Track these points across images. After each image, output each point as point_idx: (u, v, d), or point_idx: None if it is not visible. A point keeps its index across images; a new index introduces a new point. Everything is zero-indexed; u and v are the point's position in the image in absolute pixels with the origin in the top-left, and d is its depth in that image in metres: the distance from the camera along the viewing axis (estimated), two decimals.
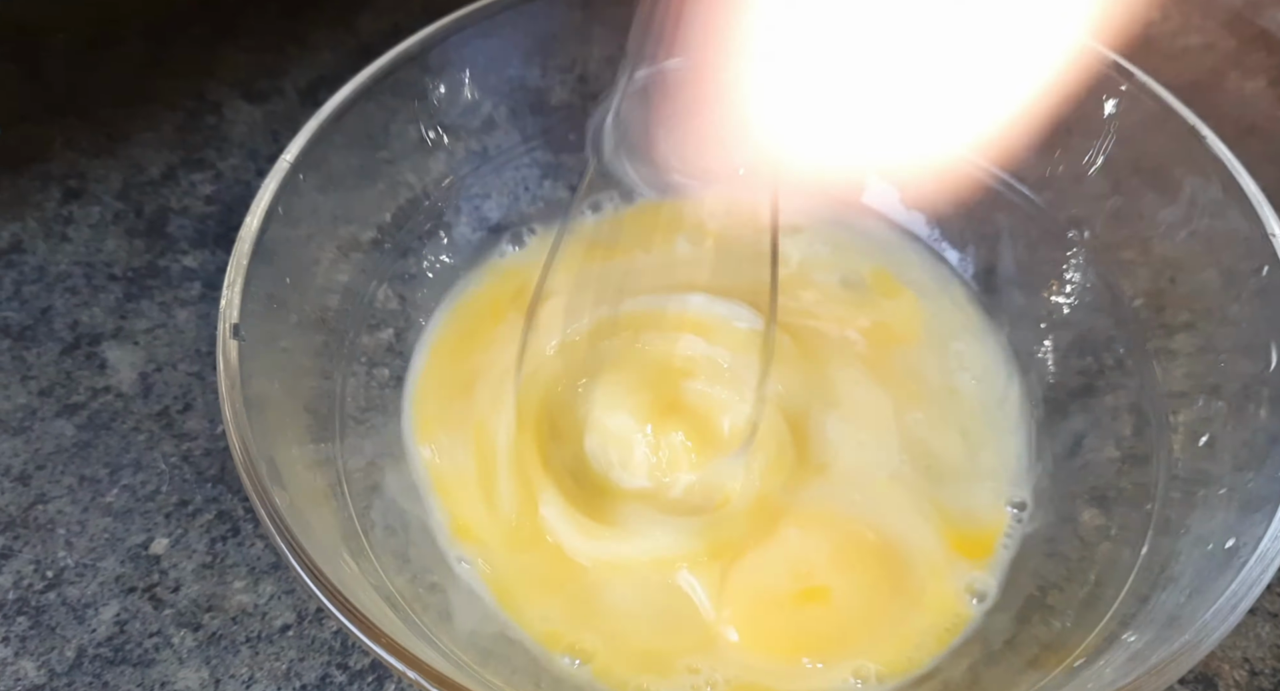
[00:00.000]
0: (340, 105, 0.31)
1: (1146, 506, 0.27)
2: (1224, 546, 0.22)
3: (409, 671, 0.20)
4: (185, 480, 0.34)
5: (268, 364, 0.28)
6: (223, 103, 0.45)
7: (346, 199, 0.33)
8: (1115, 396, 0.31)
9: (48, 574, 0.32)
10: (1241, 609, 0.20)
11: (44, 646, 0.30)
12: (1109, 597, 0.25)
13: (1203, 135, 0.27)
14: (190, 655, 0.30)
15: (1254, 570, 0.20)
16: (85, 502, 0.33)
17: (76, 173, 0.42)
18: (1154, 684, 0.19)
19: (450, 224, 0.37)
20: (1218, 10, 0.48)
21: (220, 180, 0.42)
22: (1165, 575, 0.24)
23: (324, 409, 0.31)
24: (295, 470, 0.27)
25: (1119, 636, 0.23)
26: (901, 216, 0.36)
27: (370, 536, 0.28)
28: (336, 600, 0.21)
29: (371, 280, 0.34)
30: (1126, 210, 0.31)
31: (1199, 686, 0.29)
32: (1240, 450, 0.25)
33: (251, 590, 0.32)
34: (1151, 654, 0.20)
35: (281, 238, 0.30)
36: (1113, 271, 0.32)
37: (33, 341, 0.37)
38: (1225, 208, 0.27)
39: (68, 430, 0.35)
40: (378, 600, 0.25)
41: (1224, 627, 0.20)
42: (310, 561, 0.21)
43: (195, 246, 0.40)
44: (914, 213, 0.36)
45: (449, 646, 0.26)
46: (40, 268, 0.39)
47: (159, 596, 0.31)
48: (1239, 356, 0.26)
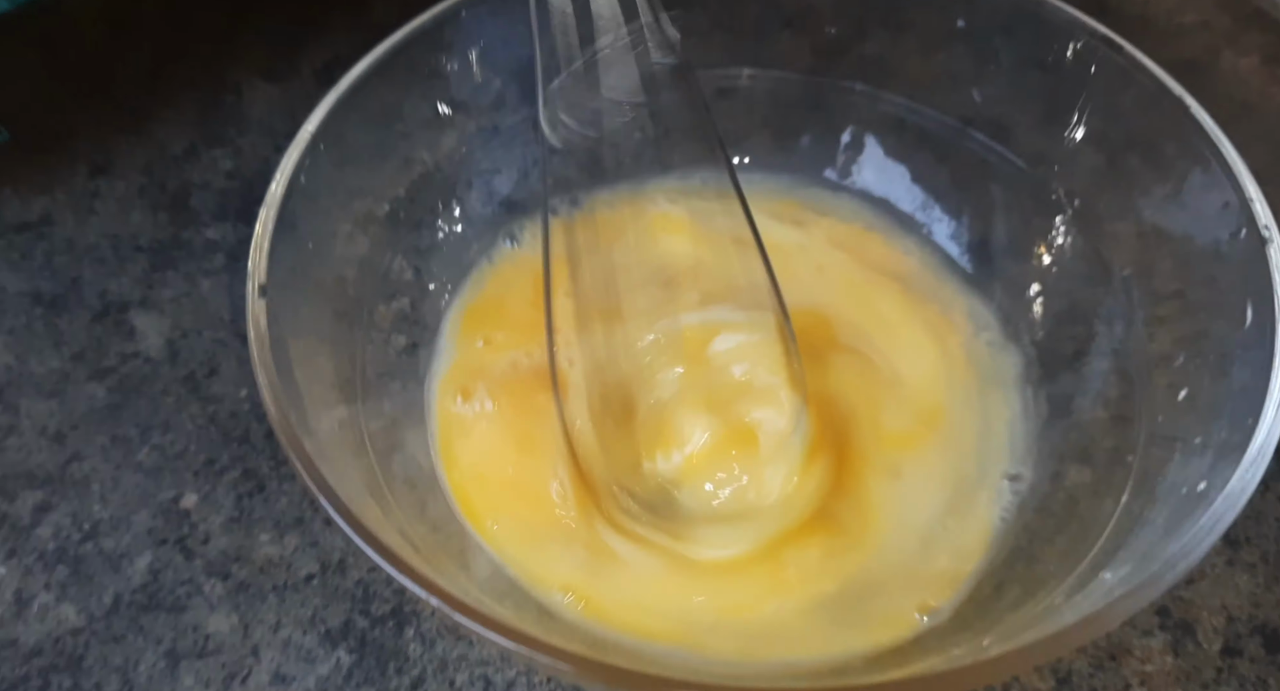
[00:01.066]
0: (358, 79, 0.32)
1: (1128, 459, 0.28)
2: (1196, 490, 0.24)
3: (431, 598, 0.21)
4: (212, 440, 0.36)
5: (292, 328, 0.30)
6: (241, 83, 0.46)
7: (362, 174, 0.35)
8: (1103, 361, 0.33)
9: (84, 526, 0.33)
10: (1208, 543, 0.21)
11: (83, 592, 0.32)
12: (1090, 543, 0.26)
13: (1188, 105, 0.29)
14: (220, 602, 0.32)
15: (1220, 507, 0.22)
16: (118, 460, 0.35)
17: (102, 149, 0.44)
18: (1122, 611, 0.21)
19: (462, 198, 0.38)
20: None
21: (240, 157, 0.44)
22: (1142, 519, 0.25)
23: (345, 372, 0.32)
24: (321, 425, 0.28)
25: (1096, 575, 0.24)
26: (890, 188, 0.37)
27: (392, 488, 0.30)
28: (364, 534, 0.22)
29: (387, 252, 0.35)
30: (1116, 181, 0.32)
31: (1179, 632, 0.31)
32: (1216, 403, 0.26)
33: (277, 542, 0.33)
34: (1124, 588, 0.21)
35: (301, 211, 0.31)
36: (1102, 241, 0.33)
37: (64, 309, 0.39)
38: (1208, 175, 0.28)
39: (99, 393, 0.37)
40: (401, 542, 0.27)
41: (1190, 559, 0.21)
42: (339, 500, 0.23)
43: (217, 220, 0.42)
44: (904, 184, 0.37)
45: (466, 587, 0.27)
46: (69, 240, 0.41)
47: (189, 547, 0.33)
48: (1217, 316, 0.27)
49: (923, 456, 0.32)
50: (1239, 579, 0.31)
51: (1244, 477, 0.22)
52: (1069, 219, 0.34)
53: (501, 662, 0.31)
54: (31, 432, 0.35)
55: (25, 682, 0.30)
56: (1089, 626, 0.21)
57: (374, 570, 0.33)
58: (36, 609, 0.32)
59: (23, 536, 0.33)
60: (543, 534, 0.31)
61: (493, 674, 0.31)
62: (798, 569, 0.30)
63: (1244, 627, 0.31)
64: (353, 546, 0.33)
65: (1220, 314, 0.27)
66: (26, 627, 0.31)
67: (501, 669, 0.31)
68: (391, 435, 0.33)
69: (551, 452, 0.32)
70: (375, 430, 0.32)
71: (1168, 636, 0.31)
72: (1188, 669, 0.30)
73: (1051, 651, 0.22)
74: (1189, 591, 0.31)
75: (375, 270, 0.35)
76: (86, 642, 0.31)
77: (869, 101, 0.37)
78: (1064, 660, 0.31)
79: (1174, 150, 0.29)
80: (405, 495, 0.30)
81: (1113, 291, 0.32)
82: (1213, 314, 0.27)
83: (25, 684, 0.30)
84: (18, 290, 0.39)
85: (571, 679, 0.27)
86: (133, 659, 0.31)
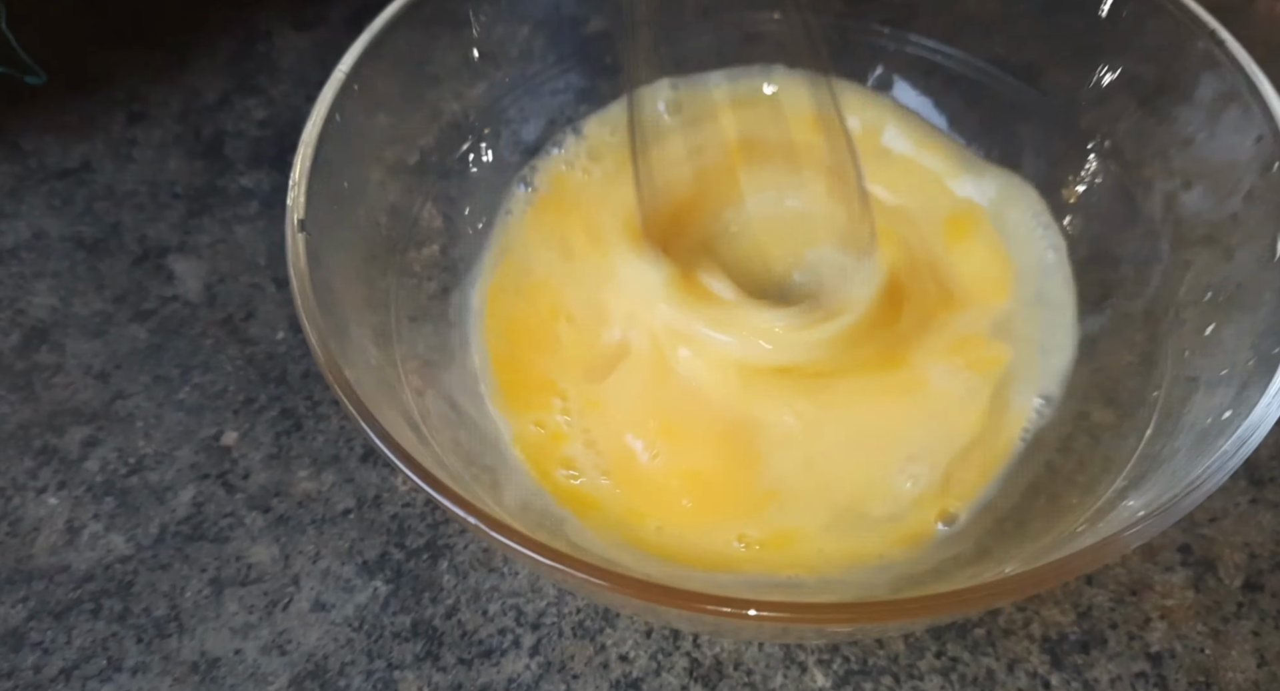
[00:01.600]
0: (388, 23, 0.32)
1: (1153, 395, 0.28)
2: (1221, 418, 0.24)
3: (470, 517, 0.22)
4: (250, 380, 0.36)
5: (332, 266, 0.30)
6: (272, 31, 0.47)
7: (392, 121, 0.35)
8: (1131, 303, 0.33)
9: (130, 460, 0.35)
10: (1230, 466, 0.22)
11: (130, 523, 0.33)
12: (1112, 474, 0.27)
13: (1222, 39, 0.28)
14: (261, 533, 0.33)
15: (1244, 432, 0.22)
16: (160, 399, 0.36)
17: (139, 97, 0.44)
18: (1143, 533, 0.21)
19: (490, 146, 0.38)
20: None
21: (272, 105, 0.44)
22: (1166, 450, 0.25)
23: (381, 314, 0.33)
24: (359, 359, 0.29)
25: (1119, 503, 0.25)
26: None
27: (428, 422, 0.30)
28: (404, 457, 0.23)
29: (417, 199, 0.36)
30: (1146, 121, 0.32)
31: (1201, 568, 0.31)
32: (1241, 335, 0.26)
33: (315, 478, 0.34)
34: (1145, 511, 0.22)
35: (336, 155, 0.31)
36: (1132, 182, 0.33)
37: (105, 253, 0.40)
38: (1241, 110, 0.28)
39: (141, 334, 0.38)
40: (441, 471, 0.27)
41: (1210, 484, 0.21)
42: (379, 424, 0.23)
43: (251, 167, 0.42)
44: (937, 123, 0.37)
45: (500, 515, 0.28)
46: (109, 186, 0.42)
47: (230, 482, 0.34)
48: (1244, 250, 0.27)
49: (976, 352, 0.32)
50: (1262, 517, 0.32)
51: (1269, 404, 0.22)
52: (1099, 160, 0.33)
53: (532, 593, 0.32)
54: (77, 371, 0.37)
55: (78, 605, 0.32)
56: (1105, 548, 0.22)
57: (408, 505, 0.34)
58: (87, 537, 0.33)
59: (72, 469, 0.34)
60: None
61: (524, 604, 0.32)
62: (845, 393, 0.31)
63: (1266, 564, 0.31)
64: (387, 483, 0.34)
65: (1250, 248, 0.27)
66: (78, 554, 0.33)
67: (532, 599, 0.32)
68: (425, 375, 0.33)
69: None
70: (410, 369, 0.33)
71: (1189, 572, 0.31)
72: (1209, 604, 0.31)
73: (1068, 572, 0.22)
74: (1211, 528, 0.32)
75: (406, 216, 0.35)
76: (135, 570, 0.32)
77: (897, 43, 0.36)
78: (1085, 594, 0.31)
79: (1207, 85, 0.29)
80: (441, 429, 0.31)
81: (1142, 233, 0.32)
82: (1243, 248, 0.27)
83: (79, 606, 0.32)
84: (60, 234, 0.40)
85: (603, 598, 0.27)
86: (179, 585, 0.32)
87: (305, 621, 0.31)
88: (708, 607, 0.21)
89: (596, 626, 0.31)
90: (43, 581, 0.32)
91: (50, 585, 0.32)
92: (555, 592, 0.32)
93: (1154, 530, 0.21)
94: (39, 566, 0.32)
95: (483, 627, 0.31)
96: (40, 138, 0.43)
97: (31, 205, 0.41)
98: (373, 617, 0.31)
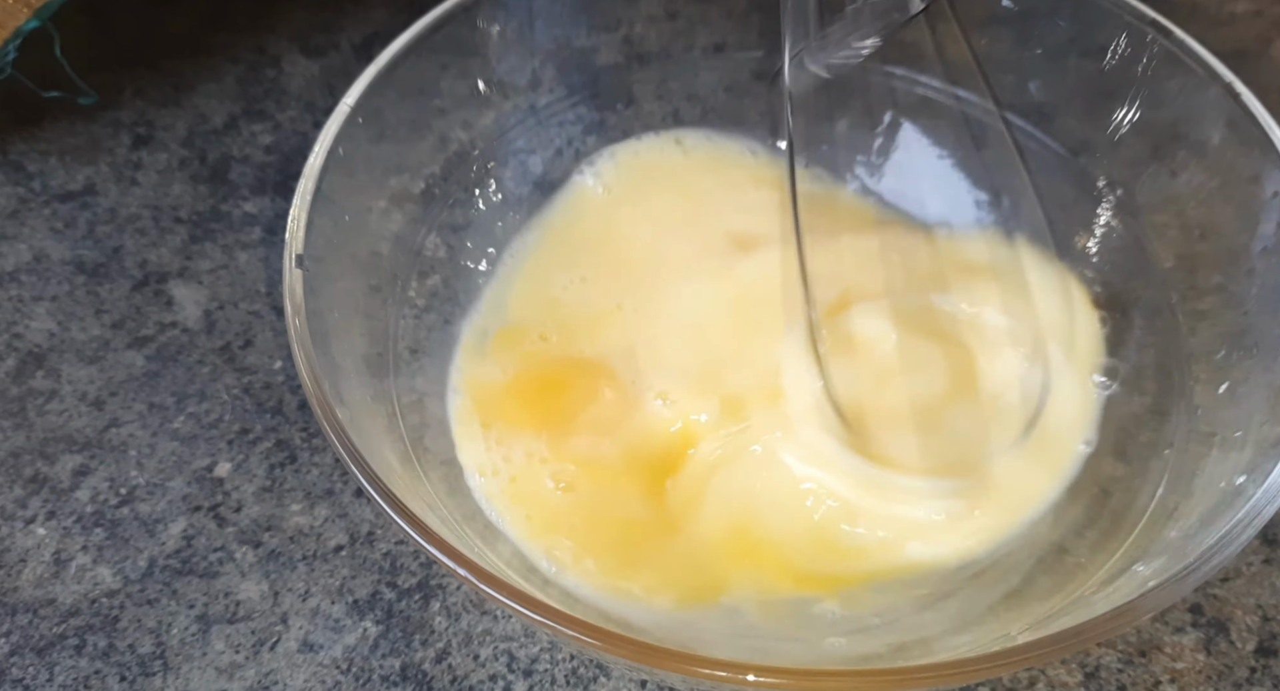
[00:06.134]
0: (396, 54, 0.32)
1: (1165, 452, 0.28)
2: (1234, 484, 0.23)
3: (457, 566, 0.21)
4: (246, 410, 0.36)
5: (329, 300, 0.30)
6: (281, 57, 0.47)
7: (399, 149, 0.35)
8: (1144, 354, 0.32)
9: (121, 491, 0.34)
10: (1244, 538, 0.21)
11: (119, 555, 0.33)
12: (1123, 536, 0.26)
13: (1238, 92, 0.28)
14: (251, 569, 0.32)
15: (1260, 502, 0.21)
16: (154, 427, 0.35)
17: (145, 121, 0.44)
18: (1154, 603, 0.20)
19: (497, 177, 0.38)
20: None
21: (279, 131, 0.44)
22: (1177, 513, 0.25)
23: (379, 346, 0.33)
24: (354, 396, 0.28)
25: (1129, 568, 0.24)
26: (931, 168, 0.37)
27: (423, 462, 0.30)
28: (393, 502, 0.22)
29: (421, 228, 0.36)
30: (1160, 170, 0.32)
31: (1212, 630, 0.30)
32: (1258, 397, 0.25)
33: (308, 513, 0.34)
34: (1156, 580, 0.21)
35: (338, 184, 0.31)
36: (1144, 232, 0.32)
37: (105, 278, 0.39)
38: (1255, 164, 0.27)
39: (138, 360, 0.37)
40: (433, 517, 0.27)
41: (1224, 555, 0.21)
42: (369, 467, 0.23)
43: (255, 193, 0.42)
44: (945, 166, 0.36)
45: (493, 561, 0.28)
46: (112, 209, 0.41)
47: (222, 515, 0.34)
48: (1261, 308, 0.27)
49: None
50: (1276, 578, 0.31)
51: None
52: (1111, 208, 0.33)
53: (525, 638, 0.31)
54: (72, 398, 0.36)
55: (62, 641, 0.31)
56: (1118, 618, 0.21)
57: (401, 542, 0.33)
58: (74, 570, 0.32)
59: (62, 498, 0.34)
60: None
61: (516, 649, 0.31)
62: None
63: (1279, 627, 0.30)
64: (381, 518, 0.34)
65: (1264, 307, 0.26)
66: (64, 587, 0.32)
67: (525, 644, 0.31)
68: (424, 410, 0.33)
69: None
70: (407, 404, 0.32)
71: (1200, 634, 0.30)
72: (1220, 667, 0.30)
73: (1079, 642, 0.21)
74: (1223, 589, 0.31)
75: (409, 246, 0.35)
76: (121, 604, 0.32)
77: (908, 86, 0.36)
78: (1093, 654, 0.30)
79: (1221, 138, 0.28)
80: (435, 470, 0.31)
81: (1154, 283, 0.32)
82: (1257, 307, 0.27)
83: (62, 642, 0.31)
84: (61, 258, 0.40)
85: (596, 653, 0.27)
86: (165, 622, 0.31)
87: (292, 662, 0.31)
88: (703, 671, 0.20)
89: (590, 674, 0.31)
90: (27, 615, 0.31)
91: (34, 619, 0.31)
92: (549, 638, 0.31)
93: (1168, 600, 0.20)
94: (24, 599, 0.32)
95: (473, 672, 0.31)
96: (45, 160, 0.43)
97: (33, 228, 0.41)
98: (361, 659, 0.31)
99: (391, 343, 0.33)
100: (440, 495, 0.29)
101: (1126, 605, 0.21)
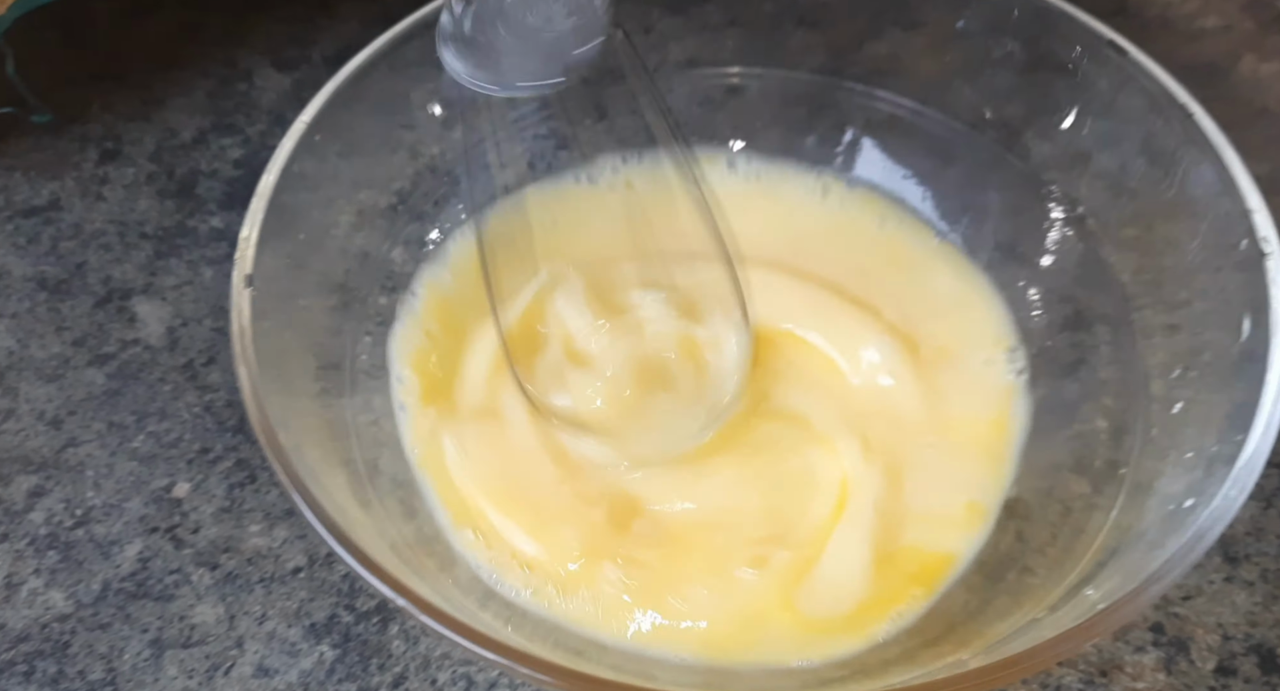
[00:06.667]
0: (355, 71, 0.32)
1: (1121, 471, 0.27)
2: (1184, 506, 0.23)
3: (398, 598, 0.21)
4: (207, 429, 0.36)
5: (284, 318, 0.30)
6: (253, 70, 0.46)
7: (366, 164, 0.35)
8: (1104, 370, 0.32)
9: (77, 512, 0.34)
10: (1191, 560, 0.21)
11: (72, 579, 0.32)
12: (1077, 556, 0.26)
13: (1191, 112, 0.28)
14: (208, 592, 0.32)
15: (1204, 524, 0.21)
16: (113, 447, 0.35)
17: (113, 135, 0.44)
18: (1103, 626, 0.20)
19: (468, 191, 0.38)
20: None
21: (249, 145, 0.44)
22: (1130, 535, 0.25)
23: (337, 365, 0.32)
24: (305, 419, 0.28)
25: (1080, 591, 0.24)
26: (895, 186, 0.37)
27: (376, 484, 0.30)
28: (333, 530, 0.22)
29: (387, 243, 0.35)
30: (1121, 188, 0.32)
31: (1173, 649, 0.30)
32: (1209, 417, 0.25)
33: (266, 534, 0.33)
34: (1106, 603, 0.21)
35: (303, 201, 0.31)
36: (1105, 248, 0.32)
37: (67, 294, 0.39)
38: (1210, 184, 0.27)
39: (98, 379, 0.37)
40: (380, 543, 0.27)
41: (1172, 577, 0.21)
42: (311, 496, 0.23)
43: (223, 208, 0.42)
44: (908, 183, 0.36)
45: (451, 592, 0.27)
46: (76, 225, 0.41)
47: (179, 537, 0.33)
48: (1215, 328, 0.26)
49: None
50: (1236, 596, 0.31)
51: (1229, 495, 0.21)
52: (1072, 225, 0.33)
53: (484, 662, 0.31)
54: (29, 417, 0.36)
55: (10, 667, 0.31)
56: (1067, 642, 0.21)
57: None
58: (25, 594, 0.32)
59: (15, 520, 0.33)
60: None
61: (475, 673, 0.31)
62: None
63: (1239, 646, 0.30)
64: None
65: (1218, 326, 0.26)
66: (15, 612, 0.32)
67: (484, 669, 0.31)
68: (382, 430, 0.33)
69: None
70: (363, 424, 0.32)
71: (1161, 653, 0.30)
72: (1180, 687, 0.30)
73: (1032, 666, 0.21)
74: (1184, 607, 0.31)
75: (376, 262, 0.35)
76: (73, 629, 0.31)
77: (874, 102, 0.36)
78: (1054, 674, 0.30)
79: (1178, 157, 0.28)
80: (390, 492, 0.30)
81: (1114, 300, 0.32)
82: (1211, 326, 0.27)
83: (10, 668, 0.31)
84: (22, 274, 0.39)
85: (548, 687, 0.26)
86: (118, 647, 0.31)
87: (247, 687, 0.30)
88: None
89: None
90: None
91: None
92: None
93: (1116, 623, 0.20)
94: None
95: None
96: (9, 175, 0.42)
97: None
98: (317, 685, 0.30)
99: (350, 361, 0.33)
100: (394, 519, 0.29)
101: (1075, 628, 0.21)
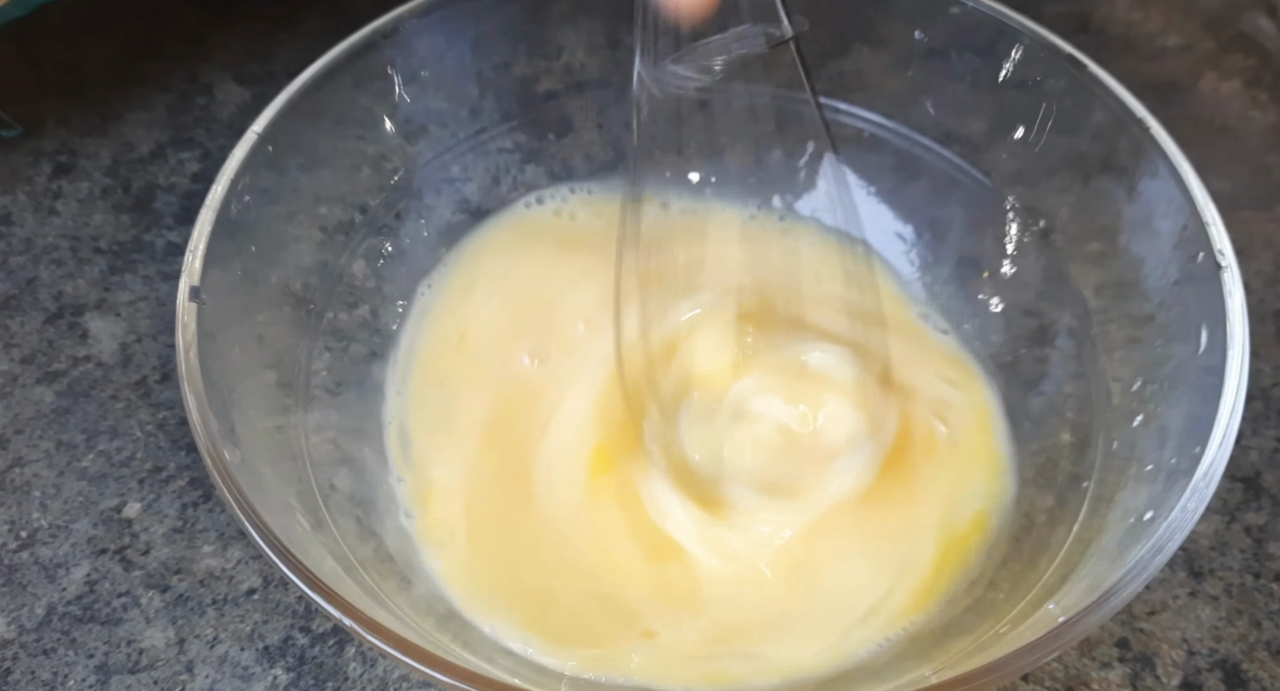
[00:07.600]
0: (312, 80, 0.31)
1: (1084, 484, 0.27)
2: (1143, 518, 0.23)
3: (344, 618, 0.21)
4: (160, 447, 0.35)
5: (236, 333, 0.29)
6: (214, 85, 0.46)
7: (327, 177, 0.34)
8: (1067, 384, 0.32)
9: (21, 534, 0.33)
10: (1149, 573, 0.21)
11: (15, 603, 0.31)
12: (1041, 569, 0.26)
13: (1149, 127, 0.28)
14: (157, 615, 0.31)
15: (1163, 537, 0.21)
16: (61, 466, 0.34)
17: (68, 149, 0.43)
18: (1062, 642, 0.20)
19: (430, 205, 0.37)
20: (1198, 12, 0.48)
21: (208, 159, 0.43)
22: (1092, 548, 0.24)
23: (292, 380, 0.32)
24: (255, 435, 0.27)
25: (1043, 604, 0.23)
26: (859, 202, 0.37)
27: (330, 504, 0.29)
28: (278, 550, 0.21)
29: (348, 258, 0.35)
30: (1082, 202, 0.32)
31: (1138, 665, 0.30)
32: (1167, 429, 0.25)
33: (220, 554, 0.33)
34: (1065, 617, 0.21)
35: (252, 215, 0.30)
36: (1066, 262, 0.32)
37: (17, 311, 0.38)
38: (1168, 198, 0.27)
39: (47, 397, 0.36)
40: (332, 563, 0.26)
41: (1130, 590, 0.20)
42: (256, 515, 0.22)
43: (180, 222, 0.41)
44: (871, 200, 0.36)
45: (407, 612, 0.27)
46: (28, 239, 0.40)
47: (129, 558, 0.32)
48: (1174, 340, 0.26)
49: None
50: (1201, 611, 0.31)
51: (1187, 507, 0.21)
52: (1032, 238, 0.33)
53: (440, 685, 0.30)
54: None
55: None
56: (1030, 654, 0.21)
57: None
58: None
59: None
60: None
61: None
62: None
63: (1204, 662, 0.30)
64: None
65: (1177, 338, 0.26)
66: None
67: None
68: (341, 447, 0.32)
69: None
70: (319, 441, 0.31)
71: (1127, 669, 0.30)
72: None
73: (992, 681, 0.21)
74: (1149, 623, 0.31)
75: (335, 276, 0.34)
76: (15, 655, 0.30)
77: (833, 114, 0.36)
78: (1019, 690, 0.30)
79: (1137, 172, 0.28)
80: (348, 511, 0.30)
81: (1078, 314, 0.32)
82: (1170, 338, 0.27)
83: None
84: None
85: None
86: (61, 673, 0.30)
87: None
88: None
89: None
90: None
91: None
92: None
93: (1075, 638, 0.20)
94: None
95: None
96: None
97: None
98: None
99: (306, 377, 0.32)
100: (349, 538, 0.28)
101: (1037, 641, 0.20)
